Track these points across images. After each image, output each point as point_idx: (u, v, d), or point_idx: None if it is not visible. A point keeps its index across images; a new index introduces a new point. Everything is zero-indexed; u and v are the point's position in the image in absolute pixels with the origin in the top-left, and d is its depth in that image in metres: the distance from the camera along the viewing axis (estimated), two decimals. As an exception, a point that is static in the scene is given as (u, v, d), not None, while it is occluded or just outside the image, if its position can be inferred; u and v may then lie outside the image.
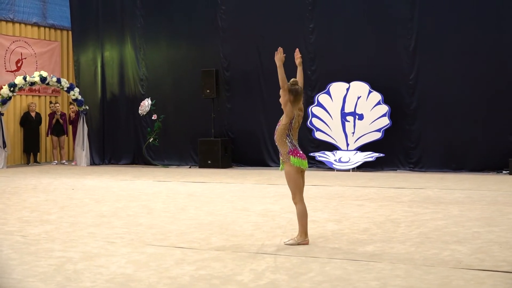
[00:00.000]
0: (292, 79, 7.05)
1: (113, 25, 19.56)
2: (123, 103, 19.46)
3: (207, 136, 17.86)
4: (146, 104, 18.30)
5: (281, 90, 6.89)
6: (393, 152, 16.06)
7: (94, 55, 19.86)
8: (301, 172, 6.96)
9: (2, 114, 18.18)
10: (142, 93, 19.04)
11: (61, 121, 20.14)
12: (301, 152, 6.98)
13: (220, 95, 17.97)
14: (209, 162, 17.47)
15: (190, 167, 18.06)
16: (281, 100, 6.90)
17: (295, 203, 6.95)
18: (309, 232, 7.04)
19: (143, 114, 18.48)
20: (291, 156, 6.88)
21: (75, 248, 6.73)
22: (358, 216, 8.73)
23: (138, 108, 18.47)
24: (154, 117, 18.37)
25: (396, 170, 16.06)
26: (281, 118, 6.99)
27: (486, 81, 15.24)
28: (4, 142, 18.13)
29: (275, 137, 7.04)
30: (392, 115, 15.85)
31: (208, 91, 17.77)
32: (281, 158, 7.01)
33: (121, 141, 19.47)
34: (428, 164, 15.84)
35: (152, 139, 18.48)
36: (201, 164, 17.64)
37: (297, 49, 7.60)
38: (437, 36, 15.68)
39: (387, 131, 15.92)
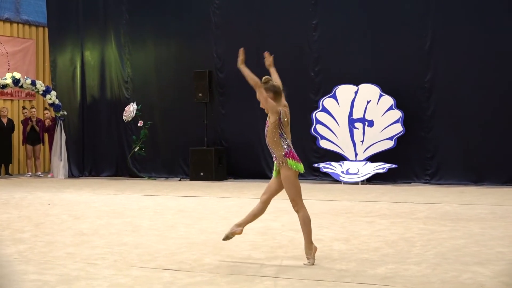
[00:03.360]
0: (264, 77, 7.04)
1: (95, 21, 19.59)
2: (105, 108, 19.47)
3: (199, 145, 17.86)
4: (131, 109, 18.30)
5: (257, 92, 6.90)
6: (407, 162, 16.06)
7: (73, 54, 19.88)
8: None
9: (-30, 120, 18.19)
10: (127, 97, 19.06)
11: (37, 128, 20.12)
12: (296, 154, 7.00)
13: (214, 99, 17.99)
14: (202, 174, 17.47)
15: (180, 180, 18.06)
16: (258, 98, 6.89)
17: (297, 211, 6.96)
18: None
19: (127, 120, 18.48)
20: (288, 159, 6.88)
21: (51, 270, 6.72)
22: (368, 235, 8.73)
23: (122, 113, 18.47)
24: (140, 123, 18.37)
25: (410, 182, 16.06)
26: (267, 119, 7.00)
27: None
28: (-28, 152, 18.12)
29: (266, 140, 7.05)
30: (405, 121, 15.86)
31: (200, 94, 17.80)
32: (275, 162, 7.01)
33: (103, 150, 19.47)
34: (446, 176, 15.84)
35: (138, 148, 18.47)
36: (193, 176, 17.64)
37: (266, 52, 7.65)
38: (455, 34, 15.70)
39: (400, 139, 15.93)
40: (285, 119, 6.96)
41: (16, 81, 18.42)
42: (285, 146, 6.92)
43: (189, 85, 17.99)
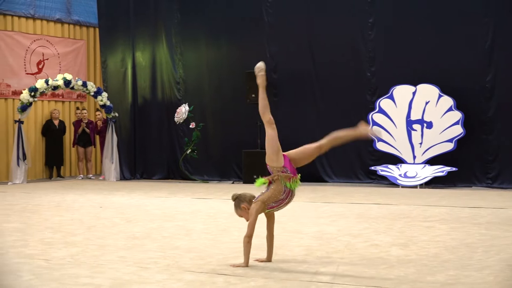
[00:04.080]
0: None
1: (146, 21, 19.76)
2: (156, 110, 19.63)
3: (252, 147, 17.90)
4: (183, 111, 18.40)
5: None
6: (467, 165, 15.89)
7: (124, 55, 20.08)
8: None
9: (22, 122, 18.49)
10: (179, 98, 19.19)
11: (87, 130, 20.40)
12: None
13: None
14: (255, 176, 17.39)
15: (233, 183, 18.12)
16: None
17: None
18: (370, 257, 7.01)
19: (179, 122, 18.60)
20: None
21: (103, 274, 6.80)
22: (427, 240, 8.65)
23: (174, 115, 18.59)
24: (192, 125, 18.46)
25: (471, 186, 15.88)
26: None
27: None
28: (24, 154, 18.42)
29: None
30: (466, 123, 15.69)
31: (253, 95, 17.79)
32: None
33: (154, 153, 19.63)
34: (509, 179, 15.64)
35: (190, 150, 18.58)
36: (246, 179, 17.66)
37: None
38: (518, 32, 15.52)
39: (460, 142, 15.76)
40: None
41: (67, 83, 18.68)
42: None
43: (242, 86, 18.02)
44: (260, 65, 7.29)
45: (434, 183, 15.97)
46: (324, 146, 7.06)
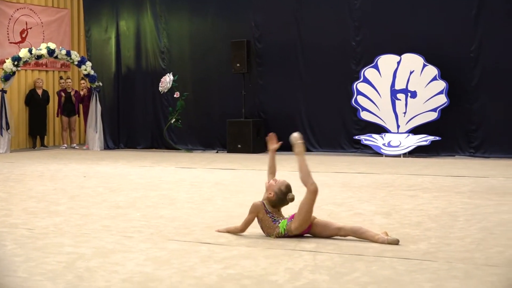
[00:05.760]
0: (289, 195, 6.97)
1: (130, -11, 19.64)
2: (140, 79, 19.57)
3: (236, 116, 17.89)
4: (167, 80, 18.34)
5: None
6: (451, 135, 15.95)
7: (108, 24, 19.96)
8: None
9: (5, 92, 18.40)
10: (163, 67, 19.12)
11: (73, 99, 20.30)
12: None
13: (252, 69, 17.97)
14: (239, 146, 17.51)
15: (217, 152, 18.13)
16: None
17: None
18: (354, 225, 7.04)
19: (164, 92, 18.55)
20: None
21: (87, 243, 6.79)
22: (410, 209, 8.69)
23: (158, 84, 18.54)
24: (177, 95, 18.42)
25: (454, 155, 15.96)
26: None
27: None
28: (7, 124, 18.35)
29: None
30: (450, 92, 15.73)
31: (238, 65, 17.78)
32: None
33: (138, 122, 19.60)
34: (491, 149, 15.71)
35: (174, 120, 18.54)
36: (230, 149, 17.69)
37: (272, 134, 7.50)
38: (502, 1, 15.49)
39: (444, 111, 15.80)
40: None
41: (51, 52, 18.56)
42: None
43: (227, 56, 17.98)
44: (297, 135, 7.10)
45: (417, 152, 16.02)
46: (343, 232, 6.86)
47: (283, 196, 6.89)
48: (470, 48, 15.78)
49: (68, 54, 19.03)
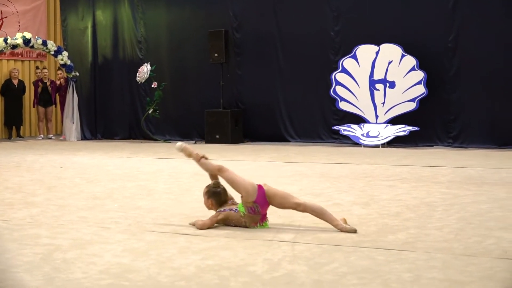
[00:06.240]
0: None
1: (107, -21, 19.53)
2: (118, 69, 19.49)
3: (214, 106, 17.87)
4: (144, 70, 18.28)
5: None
6: (429, 125, 16.02)
7: (84, 13, 19.85)
8: None
9: (-20, 82, 18.26)
10: (140, 57, 19.05)
11: (49, 89, 20.18)
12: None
13: (230, 60, 17.94)
14: (217, 136, 17.49)
15: (195, 142, 18.09)
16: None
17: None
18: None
19: (141, 82, 18.48)
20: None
21: (64, 234, 6.76)
22: (388, 199, 8.72)
23: (136, 74, 18.46)
24: (154, 85, 18.35)
25: (432, 146, 16.03)
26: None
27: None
28: (-18, 114, 18.22)
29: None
30: (428, 82, 15.78)
31: (216, 55, 17.74)
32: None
33: (115, 112, 19.52)
34: (469, 139, 15.80)
35: (152, 110, 18.48)
36: (208, 139, 17.67)
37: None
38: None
39: (422, 101, 15.86)
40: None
41: (27, 41, 18.43)
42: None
43: (205, 45, 17.94)
44: (177, 146, 7.29)
45: (396, 142, 16.08)
46: (303, 208, 6.85)
47: (214, 189, 7.07)
48: (448, 38, 15.84)
49: (44, 43, 18.90)
